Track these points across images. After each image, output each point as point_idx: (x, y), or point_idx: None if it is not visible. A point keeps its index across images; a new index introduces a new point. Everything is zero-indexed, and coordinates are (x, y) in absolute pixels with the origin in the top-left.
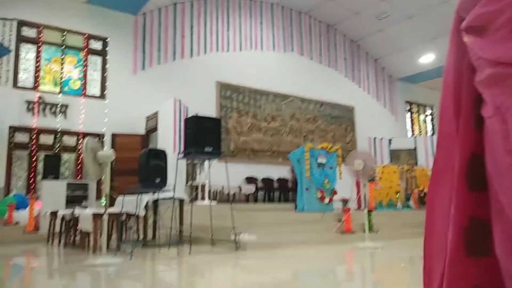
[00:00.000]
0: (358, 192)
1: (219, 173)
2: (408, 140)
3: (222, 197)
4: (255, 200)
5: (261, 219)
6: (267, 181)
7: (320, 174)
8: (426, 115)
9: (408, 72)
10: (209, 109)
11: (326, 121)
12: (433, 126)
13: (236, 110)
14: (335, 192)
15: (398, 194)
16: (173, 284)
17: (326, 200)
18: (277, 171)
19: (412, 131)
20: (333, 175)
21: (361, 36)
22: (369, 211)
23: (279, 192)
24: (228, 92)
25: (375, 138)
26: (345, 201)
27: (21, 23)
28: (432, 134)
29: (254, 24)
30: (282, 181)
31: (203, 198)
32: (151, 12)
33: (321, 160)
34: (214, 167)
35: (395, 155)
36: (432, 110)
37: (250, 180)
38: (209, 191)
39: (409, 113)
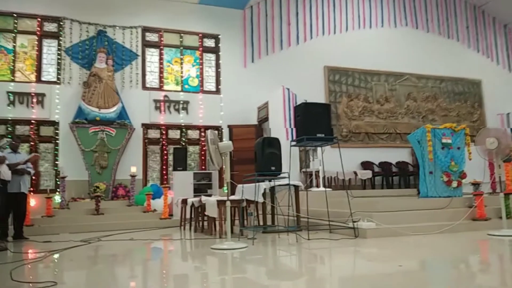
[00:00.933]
0: (492, 174)
1: (333, 159)
2: None
3: (337, 183)
4: (372, 186)
5: (380, 205)
6: (385, 165)
7: (446, 155)
8: None
9: None
10: (317, 95)
11: (448, 99)
12: None
13: (345, 94)
14: (464, 175)
15: None
16: (295, 269)
17: (454, 184)
18: (395, 155)
19: None
20: (461, 156)
21: (486, 0)
22: (506, 195)
23: (398, 176)
24: (336, 76)
25: (508, 114)
26: (476, 185)
27: (145, 29)
28: None
29: (362, 1)
30: (401, 164)
31: (317, 185)
32: (257, 4)
33: (446, 140)
34: (327, 153)
35: None
36: None
37: (366, 165)
38: (324, 178)
39: None
